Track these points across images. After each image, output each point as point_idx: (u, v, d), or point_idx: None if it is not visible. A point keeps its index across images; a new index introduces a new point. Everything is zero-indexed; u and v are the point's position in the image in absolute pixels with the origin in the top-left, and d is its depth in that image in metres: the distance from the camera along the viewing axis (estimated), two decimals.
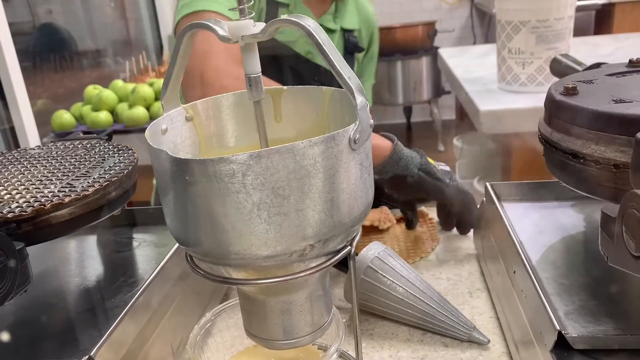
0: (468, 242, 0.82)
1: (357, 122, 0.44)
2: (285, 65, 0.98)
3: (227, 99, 0.57)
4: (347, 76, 0.44)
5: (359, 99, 0.45)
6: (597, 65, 0.62)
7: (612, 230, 0.38)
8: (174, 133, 0.52)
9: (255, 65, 0.47)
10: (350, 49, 1.02)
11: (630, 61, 0.58)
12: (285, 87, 0.57)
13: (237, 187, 0.41)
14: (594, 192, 0.48)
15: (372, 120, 0.47)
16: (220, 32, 0.46)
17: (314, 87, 0.56)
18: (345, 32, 1.05)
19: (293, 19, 0.43)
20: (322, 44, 0.43)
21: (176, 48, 0.48)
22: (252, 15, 0.45)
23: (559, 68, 0.75)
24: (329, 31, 1.02)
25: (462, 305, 0.68)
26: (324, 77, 1.00)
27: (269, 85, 0.56)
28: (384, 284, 0.64)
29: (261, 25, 0.45)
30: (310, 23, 0.43)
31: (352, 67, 0.99)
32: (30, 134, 1.81)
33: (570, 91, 0.50)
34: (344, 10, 1.05)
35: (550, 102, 0.52)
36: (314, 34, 0.43)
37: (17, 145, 1.82)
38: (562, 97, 0.50)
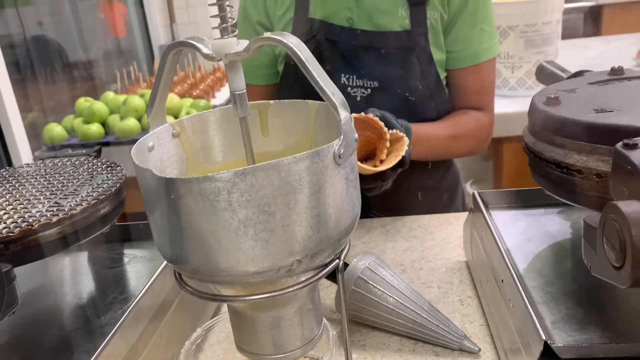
0: (459, 250, 0.83)
1: (342, 137, 0.44)
2: (322, 39, 0.93)
3: (214, 114, 0.57)
4: (330, 92, 0.45)
5: (343, 114, 0.45)
6: (580, 73, 0.63)
7: (595, 240, 0.39)
8: (161, 150, 0.52)
9: (240, 83, 0.48)
10: (413, 0, 0.91)
11: (612, 69, 0.59)
12: (271, 102, 0.57)
13: (222, 205, 0.41)
14: (578, 201, 0.48)
15: (356, 134, 0.47)
16: (205, 50, 0.46)
17: (300, 101, 0.56)
18: None
19: (276, 37, 0.43)
20: (305, 61, 0.44)
21: (161, 66, 0.49)
22: (236, 33, 0.46)
23: (543, 75, 0.76)
24: None
25: (453, 313, 0.68)
26: (362, 39, 0.92)
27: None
28: (375, 294, 0.64)
29: (244, 43, 0.46)
30: (293, 40, 0.44)
31: (424, 19, 0.91)
32: (22, 148, 1.81)
33: (553, 101, 0.51)
34: None
35: (533, 112, 0.53)
36: (297, 51, 0.43)
37: (8, 159, 1.82)
38: (544, 107, 0.51)
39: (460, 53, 0.95)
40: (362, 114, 0.78)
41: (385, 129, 0.77)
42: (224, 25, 0.45)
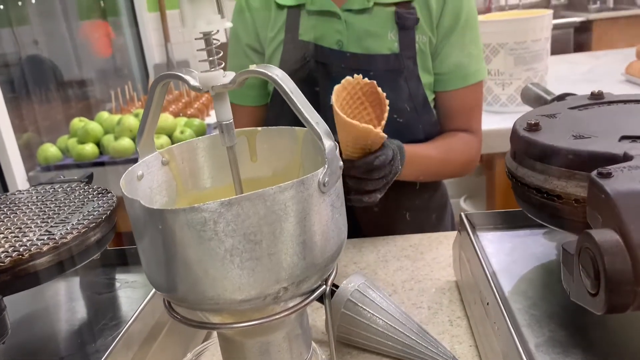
0: (449, 269, 0.83)
1: (326, 166, 0.45)
2: (312, 61, 0.95)
3: (203, 142, 0.58)
4: (314, 122, 0.46)
5: (327, 143, 0.46)
6: (563, 97, 0.65)
7: (572, 267, 0.40)
8: (150, 178, 0.53)
9: (227, 113, 0.49)
10: (402, 24, 0.93)
11: (592, 93, 0.60)
12: (259, 128, 0.59)
13: (209, 235, 0.42)
14: (559, 225, 0.49)
15: (341, 162, 0.48)
16: (192, 82, 0.47)
17: (287, 128, 0.57)
18: (388, 6, 0.93)
19: (261, 70, 0.45)
20: (289, 92, 0.45)
21: (150, 97, 0.50)
22: (222, 65, 0.47)
23: (528, 97, 0.78)
24: (358, 12, 0.94)
25: (443, 334, 0.69)
26: (352, 61, 0.93)
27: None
28: (365, 316, 0.65)
29: (231, 75, 0.47)
30: (277, 73, 0.45)
31: (413, 42, 0.93)
32: (16, 168, 1.81)
33: (533, 127, 0.52)
34: None
35: (514, 137, 0.54)
36: (282, 83, 0.45)
37: (2, 179, 1.82)
38: (525, 133, 0.52)
39: (448, 75, 0.97)
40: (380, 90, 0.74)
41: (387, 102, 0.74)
42: (211, 58, 0.46)
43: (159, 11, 3.10)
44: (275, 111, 1.02)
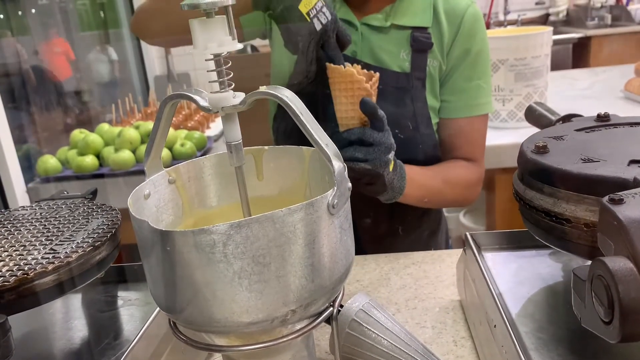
0: (452, 288, 0.83)
1: (335, 188, 0.45)
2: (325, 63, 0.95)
3: (210, 160, 0.58)
4: (324, 143, 0.46)
5: (336, 165, 0.46)
6: (568, 118, 0.65)
7: (584, 293, 0.40)
8: (157, 197, 0.53)
9: (236, 133, 0.49)
10: (416, 47, 0.95)
11: (599, 115, 0.60)
12: (266, 147, 0.59)
13: (218, 257, 0.42)
14: (567, 249, 0.49)
15: (350, 184, 0.48)
16: (202, 102, 0.47)
17: (294, 147, 0.57)
18: (404, 28, 0.95)
19: (271, 92, 0.45)
20: (299, 114, 0.45)
21: (158, 116, 0.50)
22: (232, 86, 0.47)
23: (533, 116, 0.78)
24: (374, 28, 0.96)
25: (447, 354, 0.69)
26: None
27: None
28: (369, 337, 0.64)
29: (241, 96, 0.47)
30: (287, 94, 0.45)
31: (424, 65, 0.95)
32: (16, 180, 1.80)
33: (541, 149, 0.52)
34: (403, 8, 0.96)
35: (522, 160, 0.54)
36: (291, 103, 0.45)
37: (1, 191, 1.81)
38: (533, 156, 0.52)
39: (455, 103, 0.98)
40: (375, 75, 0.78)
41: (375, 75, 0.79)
42: (221, 79, 0.46)
43: None
44: (282, 126, 1.02)
